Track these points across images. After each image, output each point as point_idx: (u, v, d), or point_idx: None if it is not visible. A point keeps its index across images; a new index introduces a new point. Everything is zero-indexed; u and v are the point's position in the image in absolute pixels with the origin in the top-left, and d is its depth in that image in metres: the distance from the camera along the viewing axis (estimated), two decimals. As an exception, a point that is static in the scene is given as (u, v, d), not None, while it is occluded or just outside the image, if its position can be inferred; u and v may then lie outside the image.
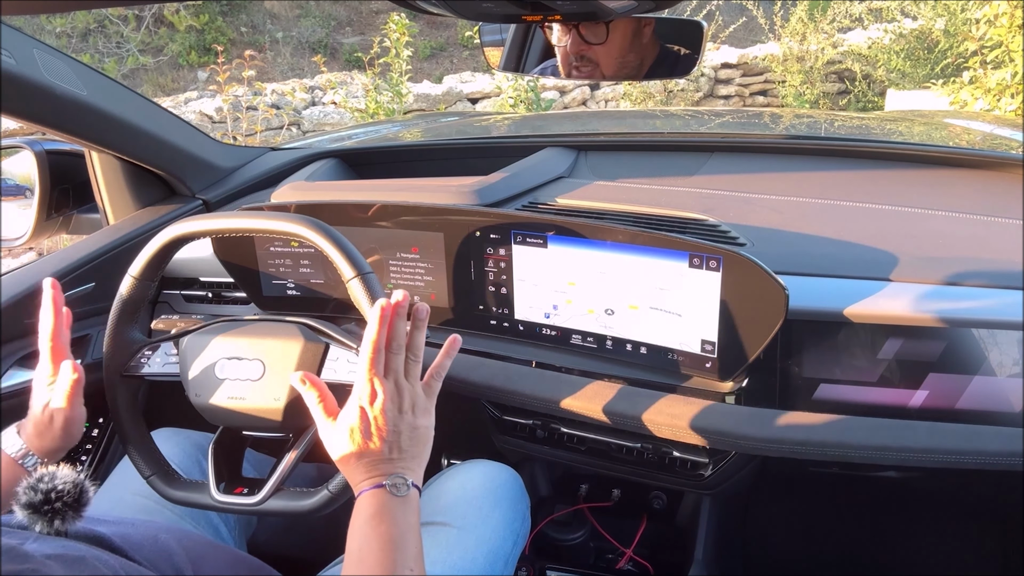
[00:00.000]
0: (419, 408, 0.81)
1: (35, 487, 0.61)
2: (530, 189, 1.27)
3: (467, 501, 1.03)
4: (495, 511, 1.03)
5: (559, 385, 1.08)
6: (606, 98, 6.58)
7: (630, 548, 1.35)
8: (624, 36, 1.13)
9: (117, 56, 7.94)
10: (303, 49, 8.55)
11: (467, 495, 1.04)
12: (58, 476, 0.62)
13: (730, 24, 6.68)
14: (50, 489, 0.61)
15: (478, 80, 6.59)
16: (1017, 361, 0.89)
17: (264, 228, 0.90)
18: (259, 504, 0.88)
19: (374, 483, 0.74)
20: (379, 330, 0.77)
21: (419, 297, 1.19)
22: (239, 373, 0.89)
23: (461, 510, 1.01)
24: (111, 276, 1.25)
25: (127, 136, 1.24)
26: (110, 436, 1.39)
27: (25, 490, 0.61)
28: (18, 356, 1.20)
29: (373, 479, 0.75)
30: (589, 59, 1.15)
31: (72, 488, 0.61)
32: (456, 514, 1.00)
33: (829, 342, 0.96)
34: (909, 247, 0.99)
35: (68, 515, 0.61)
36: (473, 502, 1.03)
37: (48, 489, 0.61)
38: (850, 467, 1.01)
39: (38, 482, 0.61)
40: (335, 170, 1.50)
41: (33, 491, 0.61)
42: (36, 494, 0.60)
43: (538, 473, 1.47)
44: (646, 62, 1.16)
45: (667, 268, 0.98)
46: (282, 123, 5.61)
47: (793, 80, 6.49)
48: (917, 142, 1.41)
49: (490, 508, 1.03)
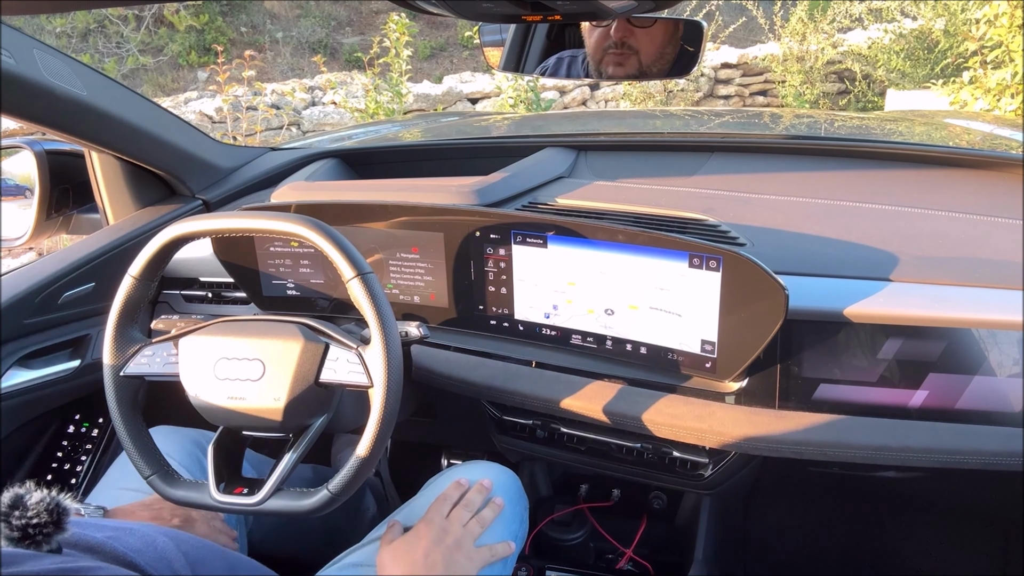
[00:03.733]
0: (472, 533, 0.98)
1: (9, 523, 0.59)
2: (530, 189, 1.27)
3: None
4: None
5: (559, 385, 1.08)
6: (606, 98, 6.58)
7: (630, 548, 1.35)
8: (667, 25, 1.12)
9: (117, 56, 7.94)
10: (303, 49, 8.55)
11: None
12: (29, 508, 0.59)
13: (730, 24, 6.68)
14: (24, 525, 0.59)
15: (478, 80, 6.59)
16: (1017, 361, 0.89)
17: (264, 228, 0.90)
18: (259, 504, 0.88)
19: None
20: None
21: (419, 297, 1.19)
22: (239, 373, 0.89)
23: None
24: (111, 276, 1.25)
25: (127, 136, 1.24)
26: (110, 436, 1.39)
27: (2, 522, 0.59)
28: (18, 356, 1.20)
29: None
30: (630, 47, 1.13)
31: (47, 516, 0.59)
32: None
33: (829, 342, 0.96)
34: (909, 247, 0.99)
35: (52, 537, 0.60)
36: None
37: (23, 525, 0.59)
38: (850, 467, 1.01)
39: (10, 516, 0.59)
40: (335, 170, 1.50)
41: (9, 527, 0.59)
42: (13, 531, 0.59)
43: (538, 473, 1.47)
44: (671, 57, 1.15)
45: (667, 268, 0.98)
46: (282, 123, 5.62)
47: (793, 80, 6.49)
48: (917, 142, 1.41)
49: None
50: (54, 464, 1.36)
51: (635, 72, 1.16)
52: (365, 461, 0.87)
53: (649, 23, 1.12)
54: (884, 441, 0.92)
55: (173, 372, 0.93)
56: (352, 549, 1.00)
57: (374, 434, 0.86)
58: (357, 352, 0.88)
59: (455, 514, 0.99)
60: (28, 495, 0.60)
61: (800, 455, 0.96)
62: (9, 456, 1.28)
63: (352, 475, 0.87)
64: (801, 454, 0.96)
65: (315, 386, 0.89)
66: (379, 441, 0.86)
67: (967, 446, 0.90)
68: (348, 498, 0.89)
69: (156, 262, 0.94)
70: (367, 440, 0.86)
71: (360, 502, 1.37)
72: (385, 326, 0.86)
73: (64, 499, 0.61)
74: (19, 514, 0.59)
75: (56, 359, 1.27)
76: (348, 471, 0.87)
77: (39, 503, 0.60)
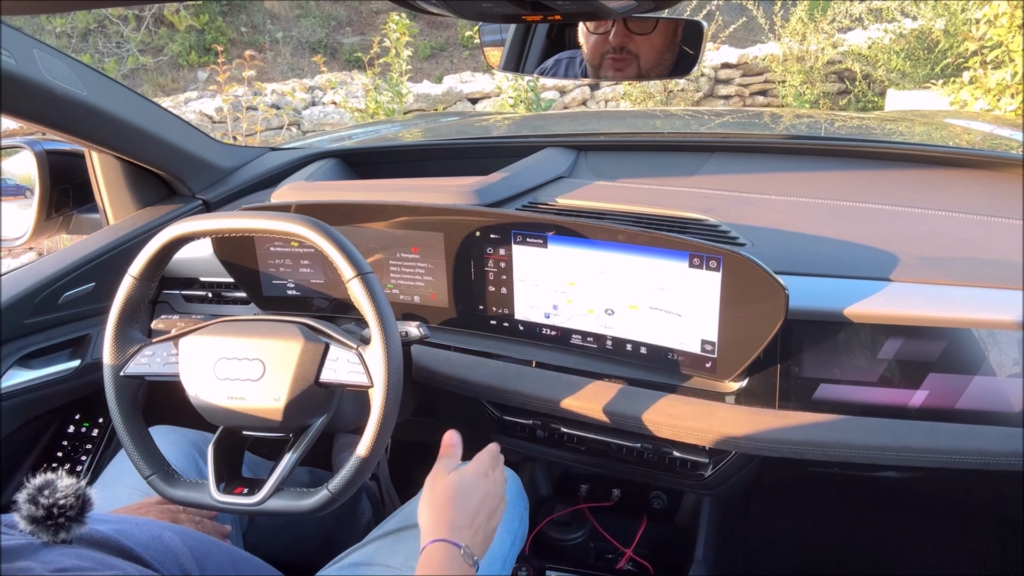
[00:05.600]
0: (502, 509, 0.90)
1: (36, 500, 0.59)
2: (530, 189, 1.27)
3: None
4: None
5: (559, 385, 1.08)
6: (606, 98, 6.58)
7: (630, 548, 1.35)
8: (666, 30, 1.12)
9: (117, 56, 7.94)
10: (303, 49, 8.55)
11: None
12: (59, 489, 0.60)
13: (730, 24, 6.68)
14: (51, 504, 0.59)
15: (478, 80, 6.59)
16: (1017, 361, 0.89)
17: (264, 228, 0.90)
18: (259, 504, 0.88)
19: (457, 540, 0.79)
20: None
21: (419, 297, 1.19)
22: (239, 373, 0.89)
23: None
24: (111, 276, 1.25)
25: (127, 136, 1.24)
26: (110, 436, 1.39)
27: (26, 502, 0.60)
28: (18, 356, 1.20)
29: (457, 536, 0.80)
30: (629, 51, 1.13)
31: (75, 500, 0.60)
32: None
33: (829, 342, 0.96)
34: (909, 247, 0.99)
35: (71, 526, 0.60)
36: None
37: (50, 504, 0.59)
38: (850, 467, 1.01)
39: (39, 494, 0.60)
40: (335, 170, 1.50)
41: (35, 505, 0.59)
42: (38, 508, 0.59)
43: (538, 473, 1.47)
44: (670, 62, 1.15)
45: (667, 268, 0.98)
46: (282, 123, 5.61)
47: (793, 80, 6.49)
48: (917, 142, 1.41)
49: None
50: (54, 464, 1.36)
51: (634, 75, 1.17)
52: (365, 461, 0.87)
53: (648, 29, 1.11)
54: (884, 441, 0.92)
55: (173, 372, 0.93)
56: (352, 549, 1.00)
57: (374, 434, 0.86)
58: (357, 352, 0.88)
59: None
60: (59, 479, 0.61)
61: (800, 455, 0.96)
62: (9, 456, 1.28)
63: (352, 475, 0.87)
64: (801, 454, 0.96)
65: (315, 386, 0.89)
66: (379, 441, 0.86)
67: (967, 446, 0.90)
68: (347, 499, 0.89)
69: (156, 262, 0.94)
70: (367, 440, 0.86)
71: (356, 507, 1.37)
72: (385, 326, 0.86)
73: (91, 490, 0.62)
74: (48, 493, 0.60)
75: (56, 359, 1.27)
76: (348, 471, 0.87)
77: (68, 487, 0.61)
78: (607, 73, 1.17)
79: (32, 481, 0.61)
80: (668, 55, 1.13)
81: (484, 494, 0.86)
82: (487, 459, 0.92)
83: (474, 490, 0.86)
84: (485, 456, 0.92)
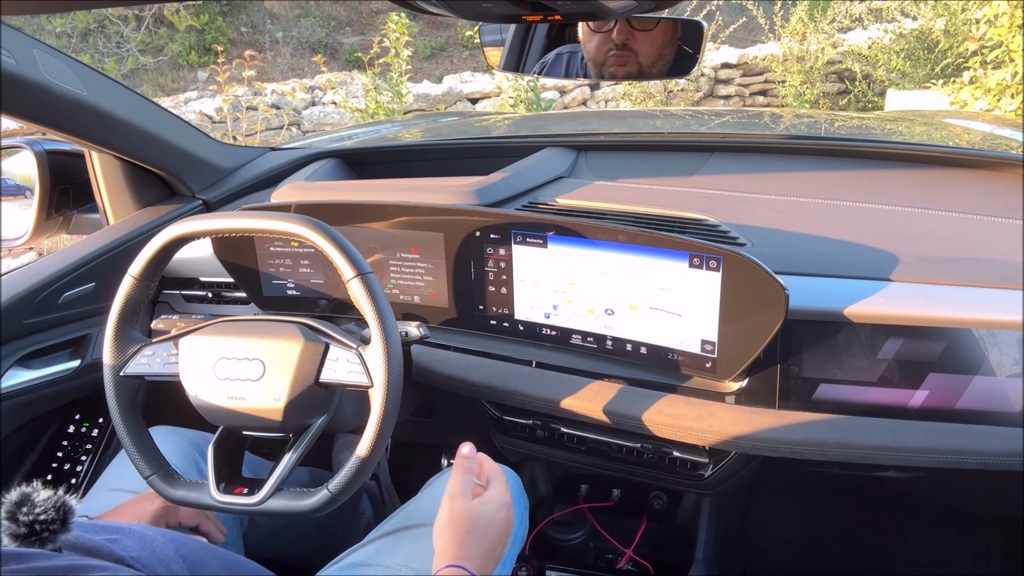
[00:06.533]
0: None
1: (15, 518, 0.59)
2: (530, 189, 1.27)
3: None
4: None
5: (559, 385, 1.08)
6: (606, 98, 6.58)
7: (630, 548, 1.35)
8: (666, 28, 1.12)
9: (117, 56, 7.94)
10: (303, 49, 8.55)
11: None
12: (37, 504, 0.59)
13: (730, 24, 6.67)
14: (32, 521, 0.59)
15: (478, 80, 6.59)
16: (1017, 361, 0.89)
17: (264, 228, 0.90)
18: (259, 504, 0.88)
19: (472, 569, 0.79)
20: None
21: (419, 297, 1.19)
22: (239, 373, 0.89)
23: None
24: (111, 276, 1.25)
25: (127, 136, 1.24)
26: (110, 436, 1.39)
27: (7, 520, 0.59)
28: (18, 356, 1.20)
29: (472, 565, 0.80)
30: (630, 49, 1.14)
31: (55, 513, 0.60)
32: None
33: (829, 342, 0.96)
34: (909, 247, 0.99)
35: (57, 535, 0.60)
36: None
37: (30, 521, 0.59)
38: (850, 467, 1.01)
39: (17, 511, 0.59)
40: (335, 170, 1.50)
41: (15, 523, 0.59)
42: (19, 527, 0.59)
43: (538, 473, 1.47)
44: (669, 60, 1.16)
45: (667, 268, 0.98)
46: (282, 123, 5.61)
47: (793, 80, 6.49)
48: (917, 142, 1.41)
49: None
50: (54, 464, 1.35)
51: (635, 72, 1.17)
52: (365, 461, 0.87)
53: (651, 26, 1.12)
54: (884, 441, 0.92)
55: (173, 372, 0.93)
56: (353, 549, 1.00)
57: (374, 434, 0.86)
58: (357, 352, 0.88)
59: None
60: (35, 493, 0.60)
61: (800, 455, 0.96)
62: (9, 456, 1.28)
63: (352, 475, 0.87)
64: (801, 454, 0.96)
65: (315, 386, 0.89)
66: (379, 441, 0.86)
67: (967, 446, 0.90)
68: (347, 499, 0.89)
69: (156, 262, 0.94)
70: (367, 440, 0.86)
71: (356, 507, 1.37)
72: (385, 326, 0.86)
73: (70, 499, 0.61)
74: (27, 510, 0.59)
75: (56, 359, 1.27)
76: (348, 471, 0.87)
77: (46, 500, 0.60)
78: (609, 70, 1.17)
79: (8, 497, 0.60)
80: (668, 50, 1.14)
81: (504, 525, 0.87)
82: (506, 488, 0.92)
83: (496, 523, 0.86)
84: (504, 484, 0.92)
